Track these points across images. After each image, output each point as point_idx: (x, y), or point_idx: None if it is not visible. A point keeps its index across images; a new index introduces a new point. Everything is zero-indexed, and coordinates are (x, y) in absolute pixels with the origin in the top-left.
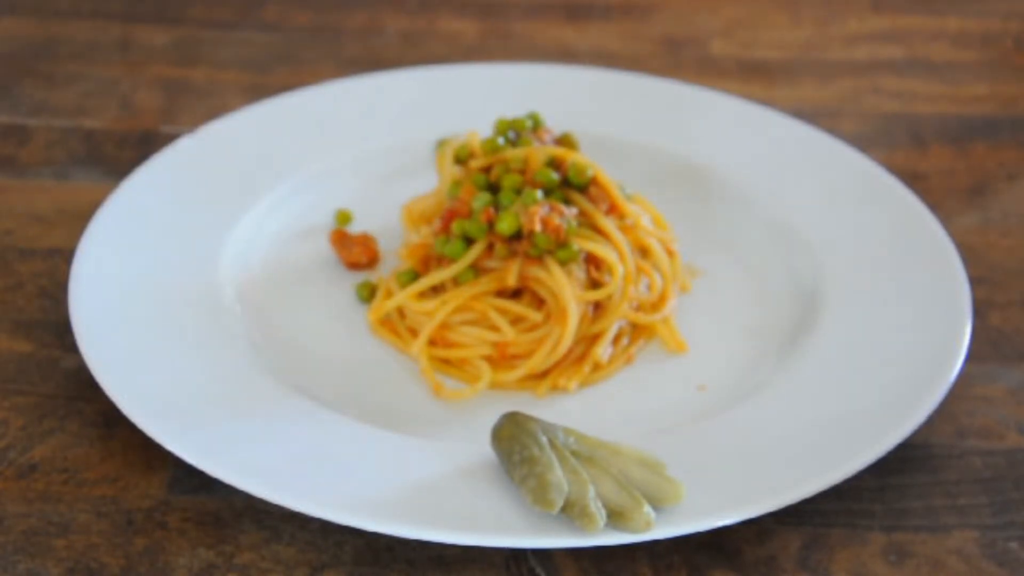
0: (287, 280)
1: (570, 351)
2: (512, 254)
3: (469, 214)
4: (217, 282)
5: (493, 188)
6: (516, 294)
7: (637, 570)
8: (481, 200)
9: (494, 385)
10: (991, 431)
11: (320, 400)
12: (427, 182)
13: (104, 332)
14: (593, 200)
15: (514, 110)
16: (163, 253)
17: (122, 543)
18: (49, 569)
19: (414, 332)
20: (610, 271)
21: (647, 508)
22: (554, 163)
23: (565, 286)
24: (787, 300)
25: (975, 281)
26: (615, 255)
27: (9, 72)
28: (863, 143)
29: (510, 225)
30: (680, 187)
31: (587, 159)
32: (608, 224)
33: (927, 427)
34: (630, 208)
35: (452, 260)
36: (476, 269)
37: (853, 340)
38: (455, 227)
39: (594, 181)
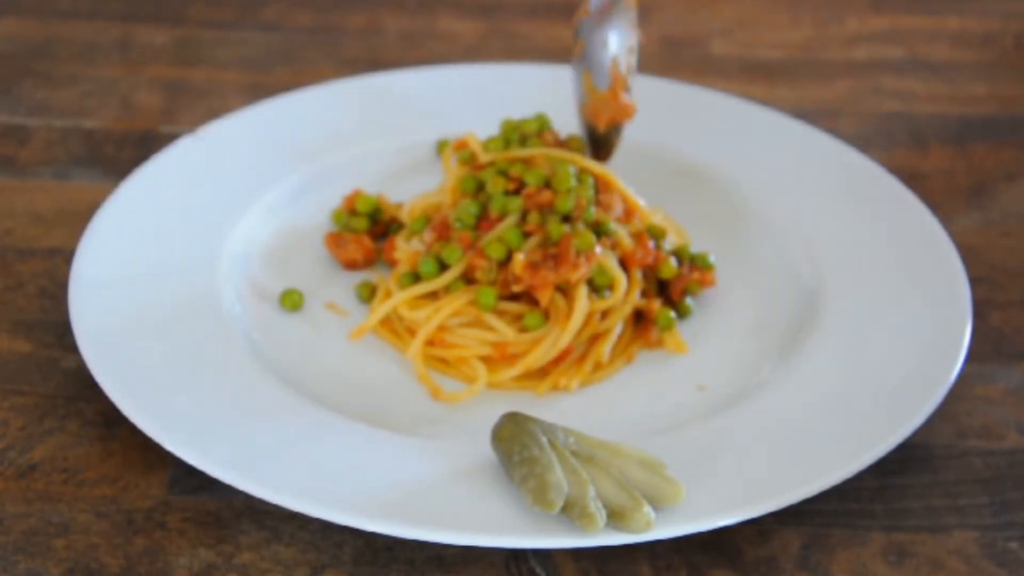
0: (287, 280)
1: (571, 350)
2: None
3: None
4: (217, 282)
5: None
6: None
7: (637, 570)
8: (465, 210)
9: (492, 384)
10: (991, 431)
11: (320, 400)
12: (427, 182)
13: (104, 332)
14: (604, 207)
15: (514, 110)
16: (163, 253)
17: (122, 543)
18: (49, 569)
19: (413, 332)
20: (611, 286)
21: (647, 508)
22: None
23: (580, 300)
24: (787, 300)
25: (975, 281)
26: (620, 270)
27: (9, 72)
28: (863, 143)
29: (498, 252)
30: (680, 187)
31: (597, 164)
32: (621, 233)
33: (927, 427)
34: (640, 204)
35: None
36: (468, 277)
37: (853, 340)
38: (434, 248)
39: (605, 187)
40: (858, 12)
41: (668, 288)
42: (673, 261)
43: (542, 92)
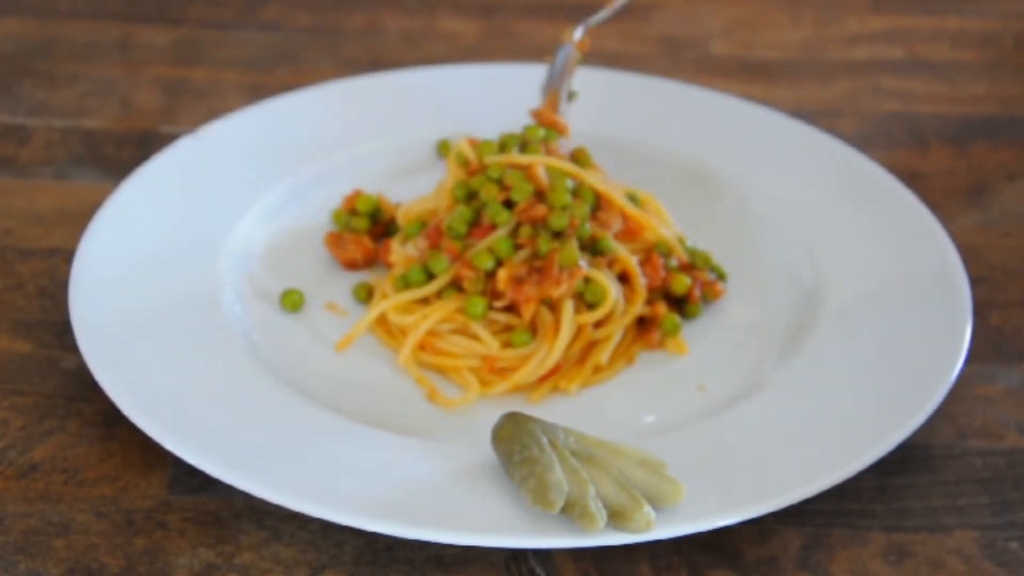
0: (287, 280)
1: (561, 366)
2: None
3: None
4: (217, 282)
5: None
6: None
7: (637, 570)
8: (458, 217)
9: (485, 394)
10: (991, 431)
11: (319, 400)
12: (427, 182)
13: (104, 332)
14: (603, 223)
15: (514, 110)
16: (163, 253)
17: (122, 543)
18: (49, 569)
19: (406, 335)
20: (603, 296)
21: (647, 508)
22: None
23: (566, 317)
24: (787, 300)
25: (975, 281)
26: (611, 282)
27: (9, 72)
28: (863, 143)
29: (485, 262)
30: (680, 187)
31: (599, 180)
32: (619, 249)
33: (927, 427)
34: (644, 218)
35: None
36: (459, 284)
37: (853, 340)
38: (424, 256)
39: (604, 204)
40: (858, 12)
41: (684, 297)
42: (686, 279)
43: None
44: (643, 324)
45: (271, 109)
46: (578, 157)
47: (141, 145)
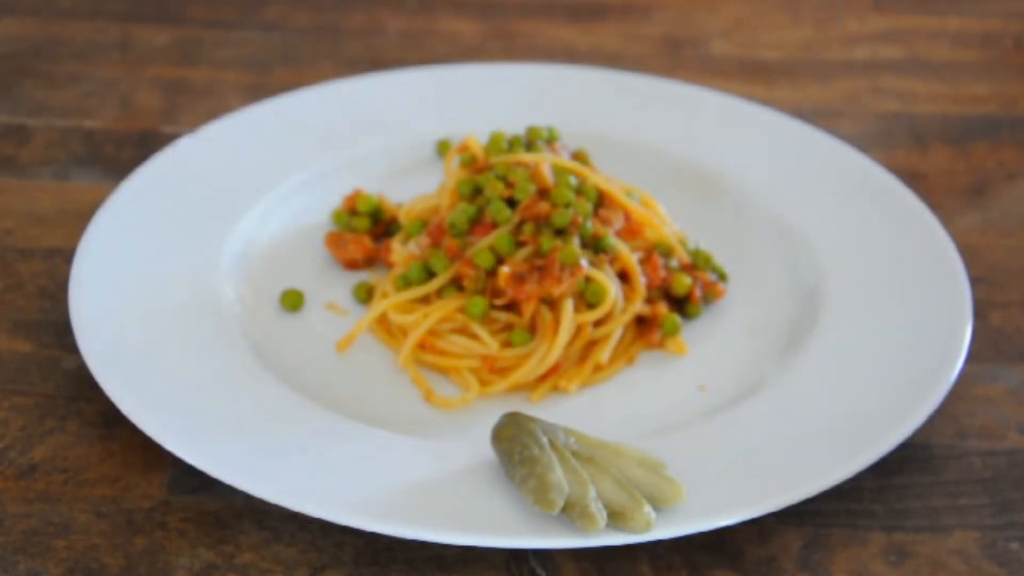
0: (287, 280)
1: (561, 365)
2: (490, 279)
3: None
4: (217, 282)
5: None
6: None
7: (638, 570)
8: (461, 214)
9: (484, 394)
10: (991, 431)
11: (320, 400)
12: (427, 182)
13: (104, 332)
14: (604, 220)
15: (514, 110)
16: (163, 253)
17: (122, 543)
18: (49, 569)
19: (406, 334)
20: (603, 295)
21: (648, 508)
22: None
23: (566, 315)
24: (787, 300)
25: (975, 281)
26: (611, 281)
27: (9, 72)
28: (863, 143)
29: (486, 261)
30: (680, 187)
31: (602, 177)
32: (620, 247)
33: (927, 427)
34: (646, 216)
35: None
36: (459, 283)
37: (853, 340)
38: (425, 254)
39: (606, 202)
40: (858, 12)
41: (684, 297)
42: (687, 279)
43: (542, 92)
44: (643, 324)
45: (271, 109)
46: (578, 159)
47: (141, 145)
